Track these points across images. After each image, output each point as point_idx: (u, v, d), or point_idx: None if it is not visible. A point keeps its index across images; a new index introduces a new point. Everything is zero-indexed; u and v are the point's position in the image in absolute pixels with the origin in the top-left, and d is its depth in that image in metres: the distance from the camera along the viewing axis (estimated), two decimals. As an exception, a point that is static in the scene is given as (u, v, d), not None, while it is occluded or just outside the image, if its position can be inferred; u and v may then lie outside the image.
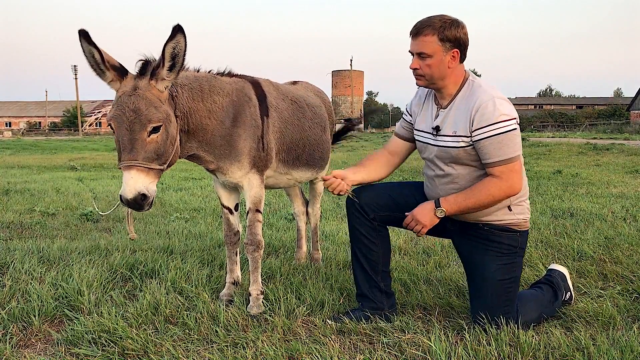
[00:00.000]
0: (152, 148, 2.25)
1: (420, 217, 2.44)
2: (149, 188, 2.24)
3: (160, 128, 2.27)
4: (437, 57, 2.37)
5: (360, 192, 2.65)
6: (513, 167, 2.32)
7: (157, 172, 2.30)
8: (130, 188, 2.18)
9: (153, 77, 2.27)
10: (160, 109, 2.27)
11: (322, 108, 3.44)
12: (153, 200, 2.29)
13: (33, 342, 2.41)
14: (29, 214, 5.72)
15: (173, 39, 2.21)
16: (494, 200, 2.35)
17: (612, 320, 2.51)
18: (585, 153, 15.55)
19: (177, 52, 2.23)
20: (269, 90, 2.94)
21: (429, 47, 2.36)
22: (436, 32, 2.35)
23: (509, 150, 2.30)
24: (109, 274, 3.23)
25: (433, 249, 3.93)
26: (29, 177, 9.91)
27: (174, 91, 2.42)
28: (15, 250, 3.82)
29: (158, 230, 4.82)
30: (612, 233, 4.30)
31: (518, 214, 2.47)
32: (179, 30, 2.18)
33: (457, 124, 2.40)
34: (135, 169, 2.20)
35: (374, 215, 2.61)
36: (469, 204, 2.36)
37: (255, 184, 2.78)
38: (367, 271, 2.63)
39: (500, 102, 2.33)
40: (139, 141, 2.22)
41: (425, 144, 2.56)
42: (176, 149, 2.41)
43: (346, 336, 2.42)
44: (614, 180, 8.31)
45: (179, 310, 2.65)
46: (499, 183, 2.32)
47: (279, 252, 3.99)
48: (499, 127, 2.29)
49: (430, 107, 2.57)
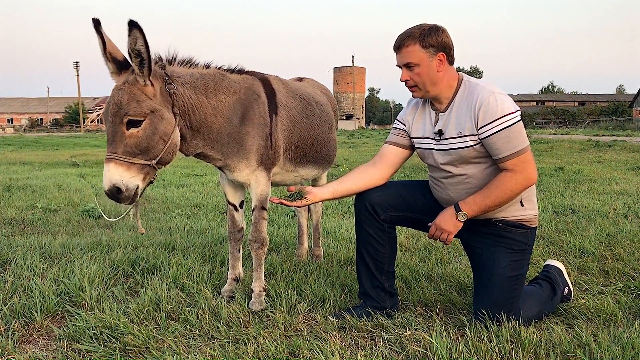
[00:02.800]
0: (133, 142, 2.26)
1: (444, 224, 2.41)
2: (128, 182, 2.25)
3: (142, 123, 2.27)
4: (424, 64, 2.39)
5: (370, 193, 2.63)
6: (525, 158, 2.32)
7: (143, 168, 2.30)
8: (106, 180, 2.23)
9: (134, 72, 2.29)
10: (142, 103, 2.27)
11: (328, 106, 3.44)
12: (135, 194, 2.29)
13: (35, 337, 2.41)
14: (31, 210, 5.73)
15: (130, 36, 2.19)
16: (512, 195, 2.35)
17: (613, 317, 2.51)
18: (587, 150, 15.53)
19: (139, 48, 2.21)
20: (278, 87, 2.94)
21: (413, 57, 2.39)
22: (417, 41, 2.38)
23: (518, 142, 2.31)
24: (110, 270, 3.24)
25: (434, 246, 3.93)
26: (31, 174, 9.92)
27: (174, 88, 2.41)
28: (17, 247, 3.83)
29: (160, 226, 4.83)
30: (614, 230, 4.30)
31: (529, 209, 2.48)
32: (134, 26, 2.16)
33: (461, 125, 2.40)
34: (114, 162, 2.23)
35: (385, 216, 2.60)
36: (489, 202, 2.35)
37: (262, 182, 2.78)
38: (372, 271, 2.63)
39: (501, 96, 2.35)
40: (118, 134, 2.25)
41: (428, 150, 2.55)
42: (170, 146, 2.38)
43: (347, 332, 2.42)
44: (616, 177, 8.29)
45: (181, 307, 2.66)
46: (514, 176, 2.32)
47: (280, 248, 4.00)
48: (504, 120, 2.31)
49: (427, 114, 2.57)
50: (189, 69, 2.58)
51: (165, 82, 2.39)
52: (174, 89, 2.41)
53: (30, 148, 21.92)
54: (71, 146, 23.61)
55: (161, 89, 2.36)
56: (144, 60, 2.24)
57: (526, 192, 2.45)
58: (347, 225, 4.80)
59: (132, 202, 2.31)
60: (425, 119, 2.57)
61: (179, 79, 2.48)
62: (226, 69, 2.76)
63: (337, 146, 3.66)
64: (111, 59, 2.29)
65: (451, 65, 2.46)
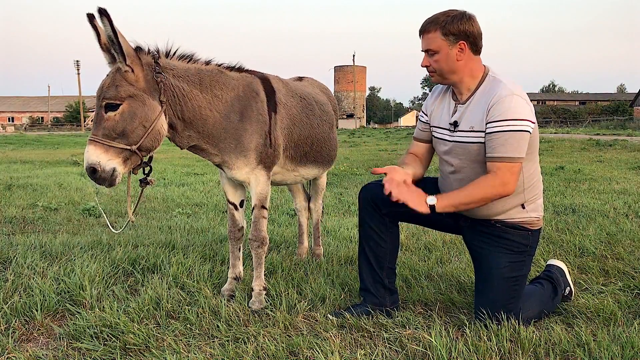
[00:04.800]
0: (110, 125, 2.32)
1: (408, 193, 2.32)
2: (105, 164, 2.31)
3: (119, 107, 2.33)
4: (443, 52, 2.37)
5: (374, 187, 2.62)
6: (512, 168, 2.28)
7: (122, 152, 2.34)
8: (85, 160, 2.33)
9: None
10: (121, 88, 2.33)
11: (328, 105, 3.45)
12: (113, 177, 2.33)
13: (35, 336, 2.42)
14: (32, 209, 5.74)
15: (102, 23, 2.24)
16: (485, 197, 2.31)
17: (613, 317, 2.50)
18: (588, 149, 15.53)
19: (109, 34, 2.27)
20: (278, 86, 2.94)
21: (434, 43, 2.37)
22: (438, 28, 2.35)
23: (513, 149, 2.26)
24: (111, 269, 3.24)
25: (434, 245, 3.94)
26: (32, 172, 9.94)
27: (162, 77, 2.44)
28: (17, 245, 3.84)
29: (160, 225, 4.84)
30: (614, 229, 4.30)
31: (531, 211, 2.46)
32: (102, 14, 2.20)
33: (474, 119, 2.38)
34: (93, 144, 2.32)
35: (387, 210, 2.59)
36: (462, 198, 2.32)
37: (261, 180, 2.79)
38: (373, 266, 2.63)
39: (519, 99, 2.29)
40: (98, 117, 2.35)
41: (441, 140, 2.54)
42: (152, 133, 2.40)
43: (347, 331, 2.42)
44: (617, 176, 8.29)
45: (181, 305, 2.66)
46: (492, 180, 2.28)
47: (281, 247, 4.00)
48: (510, 124, 2.26)
49: (447, 103, 2.54)
50: (187, 64, 2.62)
51: (154, 71, 2.42)
52: (162, 78, 2.44)
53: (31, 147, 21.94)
54: (72, 145, 23.63)
55: (146, 76, 2.40)
56: (115, 45, 2.29)
57: (529, 195, 2.43)
58: (348, 224, 4.80)
59: (110, 185, 2.35)
60: (444, 109, 2.55)
61: (172, 71, 2.52)
62: (226, 67, 2.77)
63: (338, 145, 3.66)
64: (106, 49, 2.36)
65: (476, 55, 2.41)
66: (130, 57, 2.34)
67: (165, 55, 2.56)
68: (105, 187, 2.36)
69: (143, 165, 2.49)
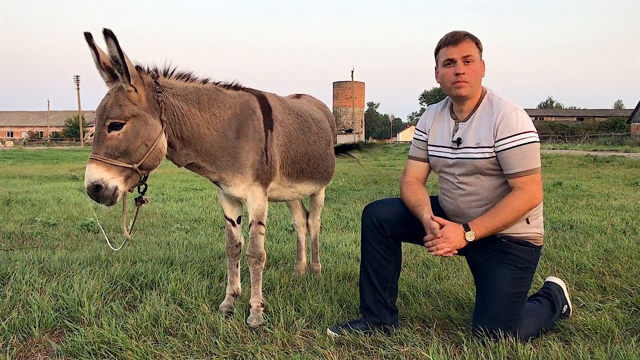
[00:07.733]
0: (113, 144, 2.33)
1: (452, 235, 2.33)
2: (108, 182, 2.31)
3: (123, 126, 2.34)
4: (477, 63, 2.45)
5: (378, 208, 2.65)
6: (534, 179, 2.36)
7: (124, 170, 2.35)
8: (86, 179, 2.32)
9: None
10: (124, 107, 2.34)
11: (326, 122, 3.47)
12: (115, 195, 2.33)
13: (33, 353, 2.41)
14: (30, 224, 5.74)
15: (107, 44, 2.26)
16: (519, 215, 2.36)
17: (610, 334, 2.51)
18: (585, 165, 15.57)
19: (114, 55, 2.29)
20: (274, 104, 2.97)
21: (473, 51, 2.44)
22: (472, 39, 2.44)
23: (532, 161, 2.35)
24: (109, 285, 3.24)
25: (432, 261, 3.94)
26: (30, 187, 9.93)
27: (163, 97, 2.47)
28: (16, 261, 3.84)
29: (158, 241, 4.84)
30: (612, 246, 4.31)
31: (535, 227, 2.49)
32: (108, 35, 2.23)
33: (480, 136, 2.43)
34: (95, 163, 2.31)
35: (391, 232, 2.60)
36: (496, 223, 2.36)
37: (258, 197, 2.80)
38: (375, 286, 2.62)
39: (522, 114, 2.40)
40: (100, 136, 2.34)
41: (442, 159, 2.57)
42: (153, 152, 2.42)
43: (345, 348, 2.42)
44: (614, 192, 8.32)
45: (179, 322, 2.66)
46: (521, 195, 2.34)
47: (279, 263, 4.00)
48: (522, 137, 2.34)
49: (446, 122, 2.59)
50: (185, 83, 2.66)
51: (155, 91, 2.45)
52: (163, 97, 2.47)
53: (30, 161, 21.95)
54: (71, 160, 23.65)
55: (147, 96, 2.43)
56: (120, 66, 2.31)
57: (534, 210, 2.46)
58: (346, 240, 4.80)
59: (111, 203, 2.35)
60: (444, 128, 2.59)
61: (171, 90, 2.54)
62: (223, 85, 2.81)
63: (336, 161, 3.68)
64: (105, 69, 2.39)
65: None
66: (134, 77, 2.36)
67: (163, 74, 2.59)
68: (106, 205, 2.36)
69: (139, 183, 2.50)
